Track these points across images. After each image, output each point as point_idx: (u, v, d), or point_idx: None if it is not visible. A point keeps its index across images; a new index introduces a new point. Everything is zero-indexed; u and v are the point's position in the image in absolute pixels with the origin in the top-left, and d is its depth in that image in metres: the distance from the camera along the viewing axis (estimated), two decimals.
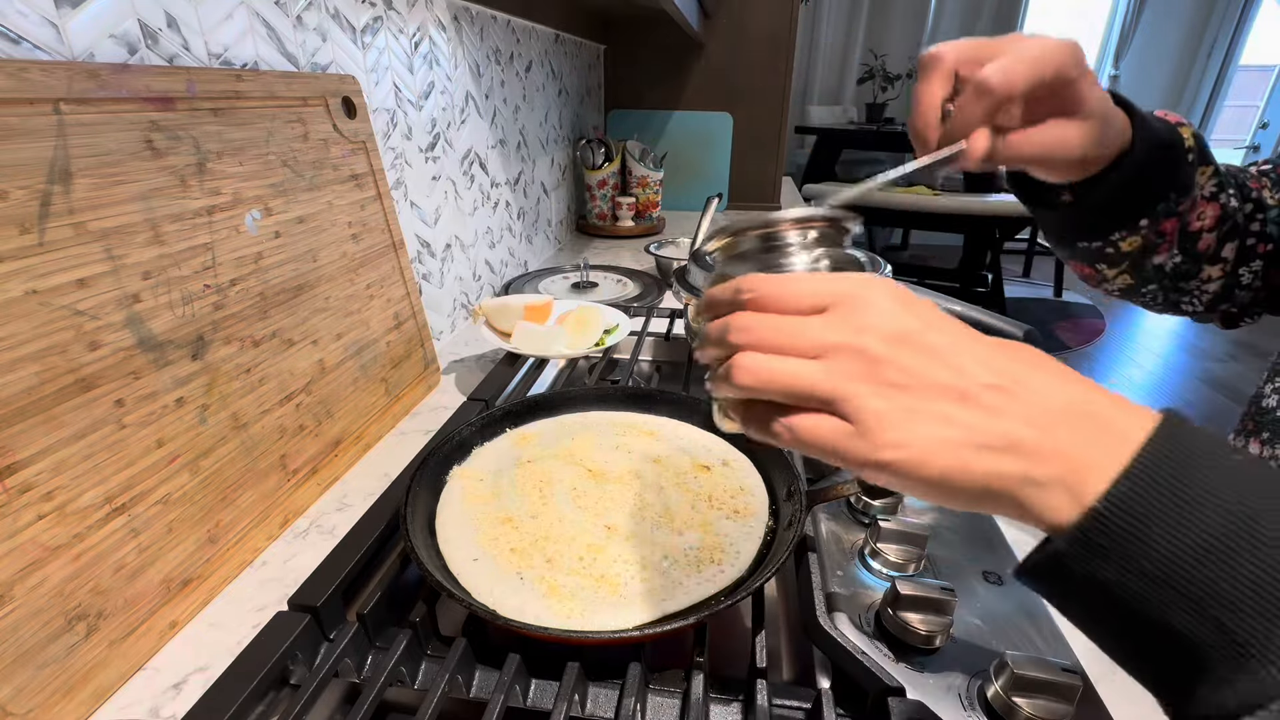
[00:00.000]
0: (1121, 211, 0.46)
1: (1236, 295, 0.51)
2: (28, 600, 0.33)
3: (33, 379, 0.34)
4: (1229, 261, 0.49)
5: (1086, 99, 0.37)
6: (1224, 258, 0.49)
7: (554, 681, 0.35)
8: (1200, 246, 0.48)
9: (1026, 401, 0.23)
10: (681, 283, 0.70)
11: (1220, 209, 0.47)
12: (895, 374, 0.24)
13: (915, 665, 0.39)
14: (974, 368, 0.24)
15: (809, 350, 0.25)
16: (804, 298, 0.26)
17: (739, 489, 0.47)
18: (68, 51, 0.40)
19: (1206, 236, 0.48)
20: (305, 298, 0.55)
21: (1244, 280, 0.50)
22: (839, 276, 0.27)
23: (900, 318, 0.25)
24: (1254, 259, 0.49)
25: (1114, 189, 0.43)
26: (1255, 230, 0.48)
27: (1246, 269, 0.49)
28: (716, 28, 1.70)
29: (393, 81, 0.74)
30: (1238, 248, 0.49)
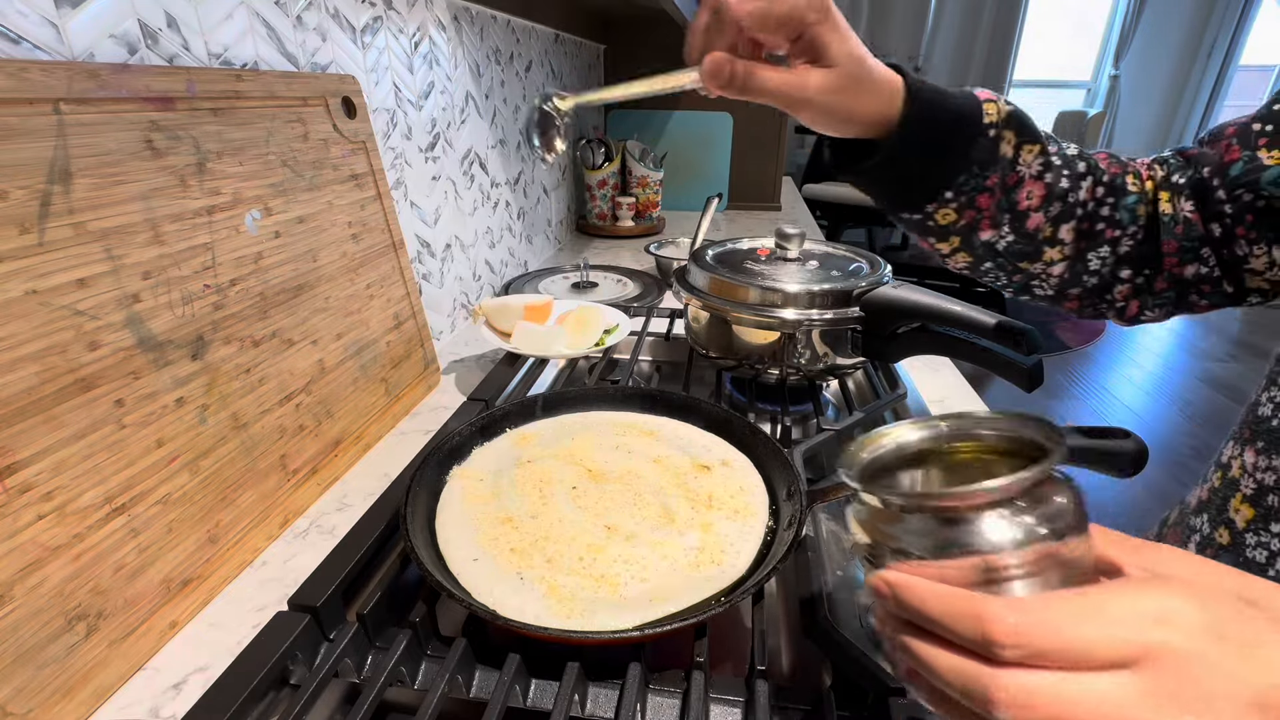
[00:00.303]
0: (914, 181, 0.47)
1: (1086, 281, 0.51)
2: (28, 600, 0.33)
3: (33, 379, 0.34)
4: (1067, 244, 0.49)
5: (829, 48, 0.39)
6: (1061, 239, 0.49)
7: (554, 681, 0.35)
8: (1029, 225, 0.49)
9: None
10: (681, 283, 0.70)
11: (1046, 188, 0.47)
12: None
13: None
14: None
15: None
16: (1097, 649, 0.19)
17: (739, 489, 0.47)
18: (68, 51, 0.40)
19: (1034, 216, 0.48)
20: (305, 298, 0.55)
21: (1091, 265, 0.50)
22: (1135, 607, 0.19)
23: (1252, 680, 0.18)
24: (1102, 244, 0.49)
25: (887, 154, 0.45)
26: (1105, 215, 0.49)
27: (1095, 255, 0.50)
28: None
29: (393, 81, 0.74)
30: (1077, 230, 0.49)
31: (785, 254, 0.69)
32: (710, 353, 0.69)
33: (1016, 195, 0.47)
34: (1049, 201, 0.48)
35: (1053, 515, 0.22)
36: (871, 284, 0.62)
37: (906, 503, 0.24)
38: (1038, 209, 0.48)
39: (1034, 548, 0.22)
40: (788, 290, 0.61)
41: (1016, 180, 0.47)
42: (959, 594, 0.21)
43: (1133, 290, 0.51)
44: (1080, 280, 0.51)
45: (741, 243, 0.76)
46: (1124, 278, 0.51)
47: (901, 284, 0.61)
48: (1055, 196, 0.48)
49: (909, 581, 0.22)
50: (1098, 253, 0.50)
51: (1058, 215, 0.48)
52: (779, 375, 0.65)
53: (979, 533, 0.22)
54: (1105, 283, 0.51)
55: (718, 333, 0.67)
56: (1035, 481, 0.22)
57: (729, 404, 0.69)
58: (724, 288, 0.64)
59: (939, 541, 0.23)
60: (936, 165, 0.46)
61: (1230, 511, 0.40)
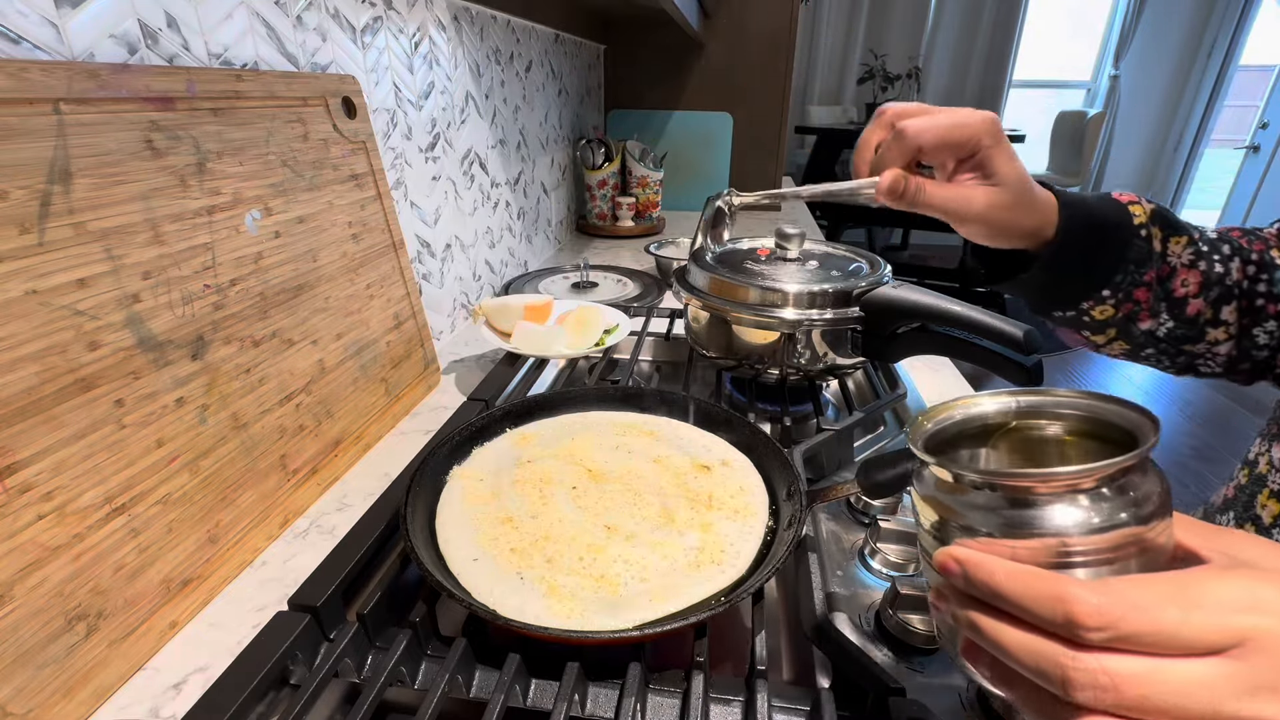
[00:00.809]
0: (1072, 284, 0.49)
1: (1256, 355, 0.51)
2: (28, 600, 0.33)
3: (33, 379, 0.34)
4: (1231, 324, 0.50)
5: (998, 167, 0.43)
6: (1224, 320, 0.50)
7: (554, 681, 0.35)
8: (1189, 311, 0.50)
9: None
10: (681, 283, 0.70)
11: (1202, 275, 0.49)
12: None
13: (915, 665, 0.39)
14: None
15: None
16: (1188, 633, 0.19)
17: (739, 489, 0.47)
18: (68, 51, 0.40)
19: (1194, 302, 0.49)
20: (305, 298, 0.55)
21: (1260, 340, 0.50)
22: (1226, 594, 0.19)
23: None
24: (1267, 319, 0.49)
25: (1046, 263, 0.48)
26: (1262, 291, 0.49)
27: (1261, 330, 0.50)
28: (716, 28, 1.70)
29: (393, 81, 0.74)
30: (1239, 309, 0.50)
31: (785, 254, 0.69)
32: (710, 353, 0.69)
33: (1171, 284, 0.49)
34: (1207, 288, 0.49)
35: (1140, 500, 0.22)
36: (871, 284, 0.62)
37: (983, 479, 0.23)
38: (1196, 295, 0.49)
39: (1118, 533, 0.21)
40: (788, 290, 0.61)
41: (1169, 271, 0.49)
42: (1038, 574, 0.21)
43: None
44: (1249, 355, 0.51)
45: (742, 243, 0.76)
46: None
47: (901, 284, 0.61)
48: (1212, 282, 0.49)
49: (981, 559, 0.22)
50: (1264, 327, 0.50)
51: (1216, 298, 0.49)
52: (779, 375, 0.65)
53: (1059, 514, 0.21)
54: (1275, 353, 0.51)
55: (718, 333, 0.67)
56: (1127, 466, 0.22)
57: (729, 404, 0.69)
58: (724, 288, 0.64)
59: (1013, 520, 0.22)
60: (1094, 270, 0.48)
61: (1257, 507, 0.40)
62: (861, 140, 0.47)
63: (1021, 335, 0.51)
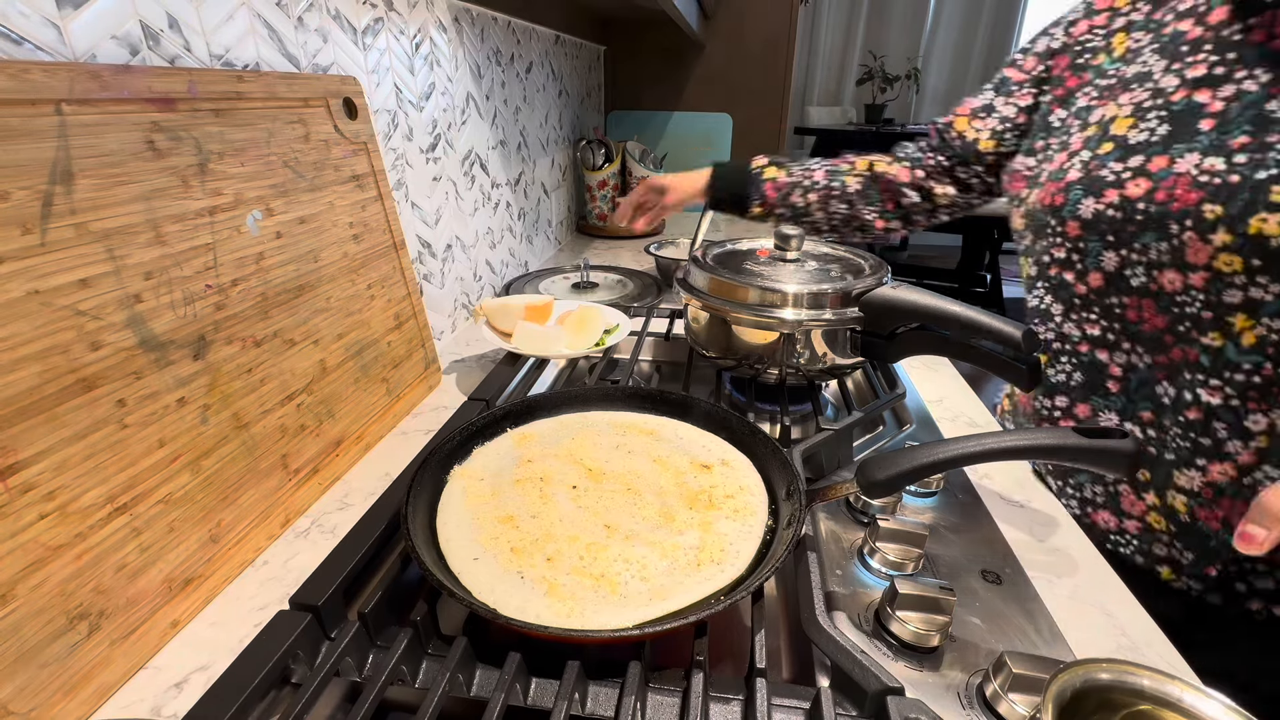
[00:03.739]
0: (730, 208, 0.92)
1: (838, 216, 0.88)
2: (30, 599, 0.33)
3: (35, 379, 0.34)
4: (815, 205, 0.88)
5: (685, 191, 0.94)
6: (811, 202, 0.88)
7: (554, 680, 0.35)
8: (800, 205, 0.88)
9: None
10: (681, 283, 0.70)
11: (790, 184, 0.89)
12: None
13: (914, 664, 0.40)
14: None
15: None
16: None
17: (738, 488, 0.47)
18: (69, 52, 0.40)
19: (795, 197, 0.88)
20: (307, 298, 0.55)
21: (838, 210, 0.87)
22: None
23: None
24: (837, 200, 0.86)
25: (718, 201, 0.92)
26: (834, 186, 0.86)
27: (835, 206, 0.87)
28: (716, 28, 1.70)
29: (394, 82, 0.74)
30: (822, 200, 0.87)
31: (785, 254, 0.69)
32: (710, 353, 0.69)
33: (789, 196, 0.87)
34: (795, 188, 0.87)
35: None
36: (871, 284, 0.62)
37: None
38: (793, 190, 0.87)
39: None
40: (787, 290, 0.61)
41: (777, 188, 0.88)
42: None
43: (873, 216, 0.86)
44: (834, 218, 0.87)
45: (741, 243, 0.76)
46: (860, 214, 0.87)
47: (900, 284, 0.61)
48: (798, 185, 0.87)
49: None
50: (836, 204, 0.86)
51: (804, 191, 0.87)
52: (778, 375, 0.65)
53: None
54: (852, 216, 0.87)
55: (717, 333, 0.67)
56: None
57: (729, 404, 0.69)
58: (724, 288, 0.64)
59: None
60: (737, 199, 0.90)
61: None
62: (627, 200, 0.97)
63: (1020, 336, 0.51)
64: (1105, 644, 0.42)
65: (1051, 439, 0.41)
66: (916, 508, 0.54)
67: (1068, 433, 0.41)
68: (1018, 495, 0.58)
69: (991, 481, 0.59)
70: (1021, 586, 0.46)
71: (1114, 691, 0.30)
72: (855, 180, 0.85)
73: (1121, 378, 0.52)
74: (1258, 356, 0.43)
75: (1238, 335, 0.44)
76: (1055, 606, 0.44)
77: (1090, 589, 0.47)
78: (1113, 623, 0.44)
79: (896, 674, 0.36)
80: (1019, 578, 0.47)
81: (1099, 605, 0.46)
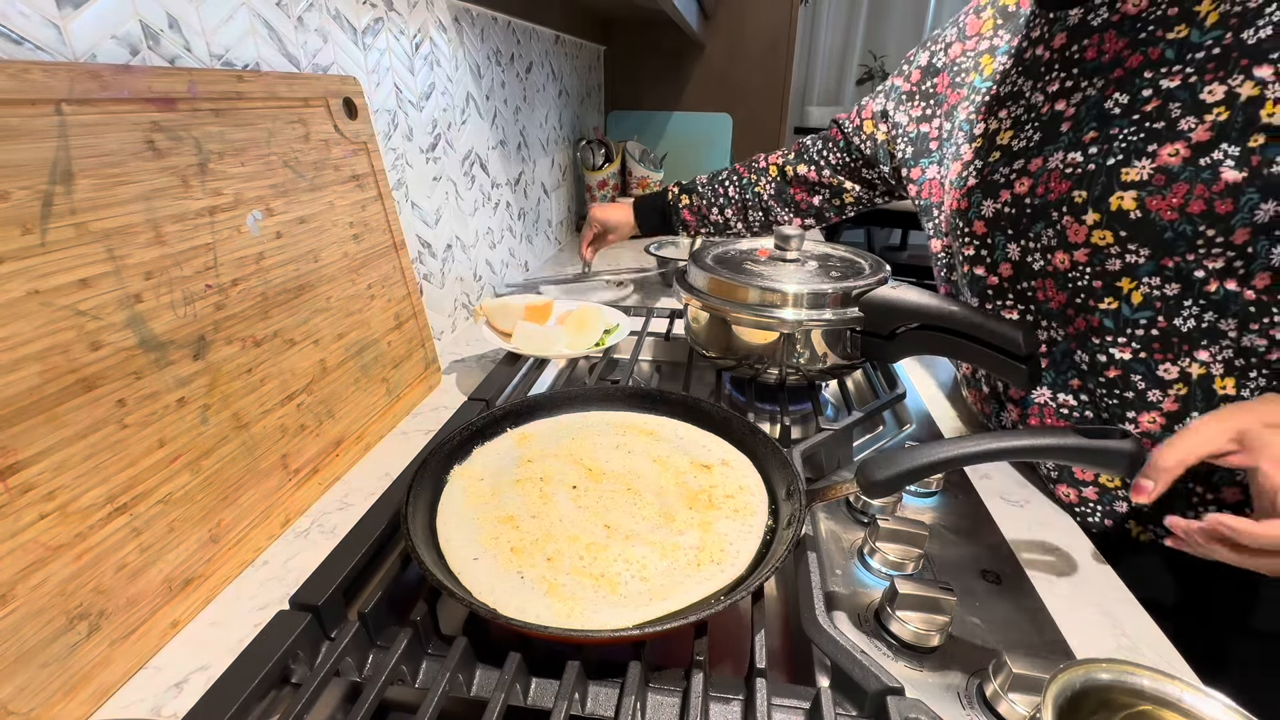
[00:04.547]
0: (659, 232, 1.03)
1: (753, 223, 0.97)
2: (30, 600, 0.33)
3: (35, 379, 0.34)
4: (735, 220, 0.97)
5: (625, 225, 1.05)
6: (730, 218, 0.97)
7: (554, 680, 0.35)
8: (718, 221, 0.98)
9: None
10: (681, 283, 0.70)
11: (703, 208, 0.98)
12: None
13: (914, 664, 0.40)
14: None
15: None
16: None
17: (738, 488, 0.47)
18: (70, 52, 0.40)
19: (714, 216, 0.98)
20: (307, 298, 0.55)
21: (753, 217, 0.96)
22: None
23: None
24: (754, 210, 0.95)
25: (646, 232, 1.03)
26: (747, 198, 0.95)
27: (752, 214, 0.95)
28: (716, 28, 1.70)
29: (394, 82, 0.74)
30: (739, 211, 0.96)
31: (785, 254, 0.69)
32: (710, 353, 0.69)
33: (706, 215, 0.98)
34: (712, 208, 0.97)
35: None
36: (870, 284, 0.62)
37: None
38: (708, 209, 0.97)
39: None
40: (787, 291, 0.61)
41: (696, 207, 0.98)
42: None
43: (789, 217, 0.94)
44: (753, 226, 0.97)
45: (741, 243, 0.76)
46: (776, 219, 0.94)
47: (900, 284, 0.61)
48: (712, 204, 0.97)
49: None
50: (753, 214, 0.95)
51: (719, 209, 0.96)
52: (778, 375, 0.65)
53: None
54: (767, 223, 0.95)
55: (717, 333, 0.67)
56: None
57: (729, 404, 0.69)
58: (724, 288, 0.64)
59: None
60: (665, 226, 1.01)
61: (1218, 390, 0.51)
62: (583, 234, 1.09)
63: (1019, 336, 0.51)
64: (1105, 644, 0.42)
65: (1051, 439, 0.41)
66: (916, 508, 0.54)
67: (1067, 433, 0.41)
68: (1018, 495, 0.58)
69: (991, 481, 0.59)
70: (1021, 586, 0.46)
71: (1114, 691, 0.30)
72: (768, 186, 0.93)
73: (1046, 354, 0.58)
74: (1149, 312, 0.50)
75: (1127, 296, 0.50)
76: (1055, 606, 0.44)
77: (1090, 589, 0.47)
78: (1113, 623, 0.44)
79: (896, 674, 0.36)
80: (1019, 578, 0.47)
81: (1099, 605, 0.46)
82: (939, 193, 0.69)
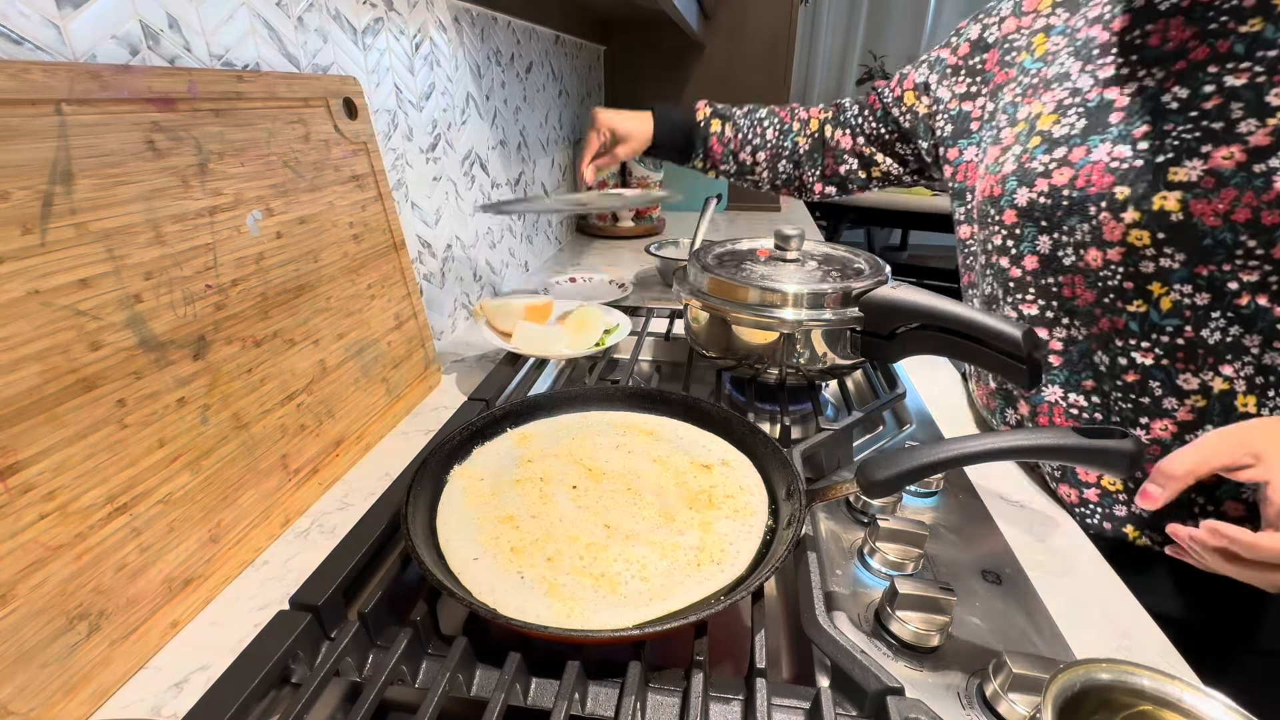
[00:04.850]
0: (675, 157, 0.91)
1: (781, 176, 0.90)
2: (30, 600, 0.33)
3: (35, 379, 0.34)
4: (763, 165, 0.90)
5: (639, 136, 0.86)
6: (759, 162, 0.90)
7: (554, 680, 0.35)
8: (744, 160, 0.90)
9: None
10: (681, 283, 0.70)
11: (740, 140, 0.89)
12: None
13: (914, 664, 0.40)
14: None
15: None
16: None
17: (738, 488, 0.47)
18: (69, 52, 0.40)
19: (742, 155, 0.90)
20: (306, 298, 0.55)
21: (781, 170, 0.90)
22: None
23: None
24: (781, 160, 0.89)
25: (655, 151, 0.88)
26: (784, 145, 0.88)
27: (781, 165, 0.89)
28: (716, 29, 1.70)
29: (394, 82, 0.74)
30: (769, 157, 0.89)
31: (784, 254, 0.69)
32: (710, 353, 0.69)
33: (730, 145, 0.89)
34: (745, 146, 0.88)
35: None
36: (870, 284, 0.62)
37: None
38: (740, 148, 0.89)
39: None
40: (787, 290, 0.61)
41: (727, 140, 0.88)
42: None
43: (814, 179, 0.89)
44: (779, 178, 0.90)
45: (741, 243, 0.76)
46: (804, 177, 0.89)
47: (900, 284, 0.61)
48: (747, 142, 0.88)
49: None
50: (783, 164, 0.89)
51: (753, 150, 0.89)
52: (778, 375, 0.65)
53: None
54: (793, 178, 0.90)
55: (717, 333, 0.67)
56: None
57: (728, 404, 0.69)
58: (724, 288, 0.64)
59: None
60: (683, 150, 0.90)
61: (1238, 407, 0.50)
62: (586, 145, 0.86)
63: (1020, 336, 0.51)
64: (1105, 644, 0.42)
65: (1051, 439, 0.41)
66: (916, 508, 0.54)
67: (1067, 432, 0.41)
68: (1018, 495, 0.58)
69: (991, 481, 0.59)
70: (1021, 586, 0.46)
71: (1114, 691, 0.30)
72: (806, 141, 0.86)
73: (1063, 351, 0.56)
74: (1176, 320, 0.48)
75: (1156, 301, 0.49)
76: (1055, 606, 0.44)
77: (1090, 589, 0.47)
78: (1113, 623, 0.44)
79: (896, 674, 0.36)
80: (1019, 578, 0.47)
81: (1099, 605, 0.46)
82: (974, 176, 0.65)
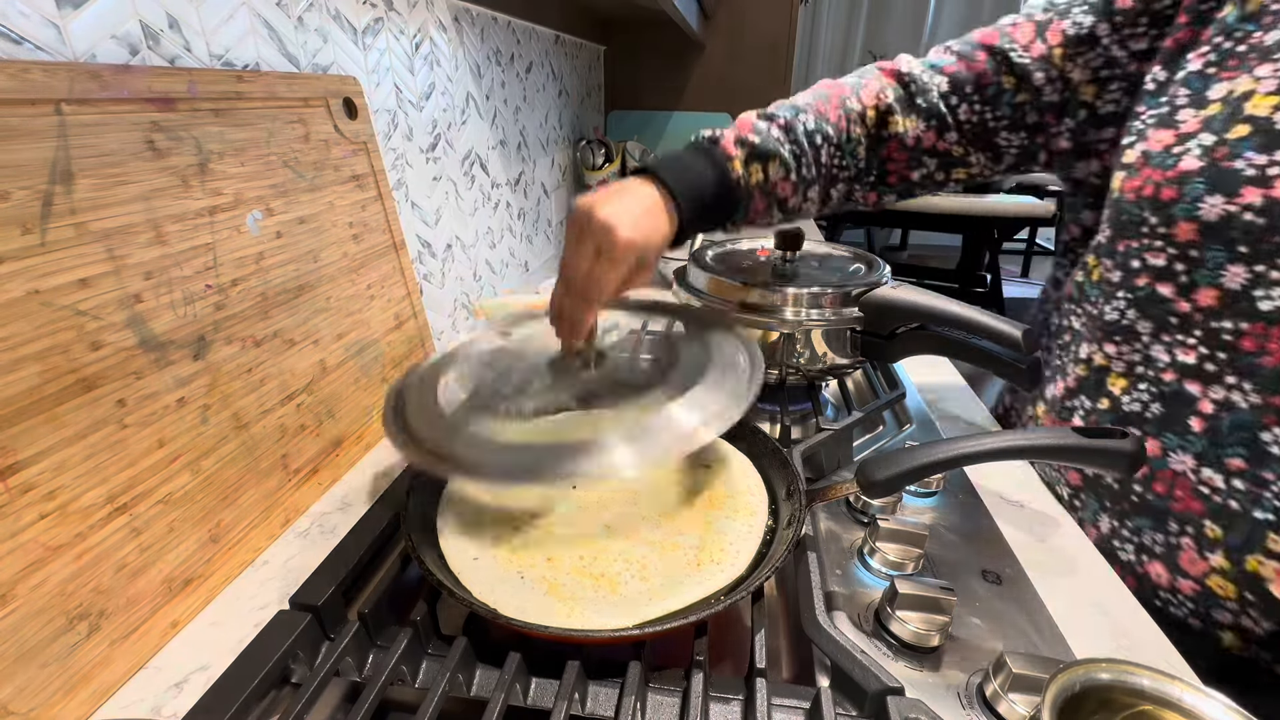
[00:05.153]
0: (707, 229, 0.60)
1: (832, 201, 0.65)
2: (29, 600, 0.33)
3: (35, 379, 0.34)
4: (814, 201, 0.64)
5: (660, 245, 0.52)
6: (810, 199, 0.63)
7: (554, 680, 0.35)
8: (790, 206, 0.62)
9: None
10: (681, 283, 0.70)
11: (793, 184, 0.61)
12: None
13: (914, 664, 0.40)
14: None
15: None
16: None
17: (739, 488, 0.47)
18: (69, 52, 0.40)
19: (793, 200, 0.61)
20: (306, 298, 0.55)
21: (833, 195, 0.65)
22: None
23: None
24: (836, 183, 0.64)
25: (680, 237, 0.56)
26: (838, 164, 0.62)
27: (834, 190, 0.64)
28: (716, 28, 1.70)
29: (394, 82, 0.74)
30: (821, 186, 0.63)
31: (784, 254, 0.69)
32: None
33: (778, 193, 0.60)
34: (799, 188, 0.61)
35: None
36: (870, 284, 0.62)
37: None
38: (793, 193, 0.61)
39: None
40: (787, 290, 0.61)
41: (772, 187, 0.59)
42: None
43: (865, 189, 0.65)
44: (827, 206, 0.66)
45: (741, 243, 0.76)
46: (854, 194, 0.65)
47: (900, 284, 0.61)
48: (802, 181, 0.60)
49: None
50: (836, 189, 0.64)
51: (806, 188, 0.61)
52: (778, 375, 0.65)
53: None
54: (842, 200, 0.65)
55: None
56: None
57: None
58: (724, 288, 0.64)
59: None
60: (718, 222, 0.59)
61: (1109, 385, 0.51)
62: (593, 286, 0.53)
63: (1020, 335, 0.51)
64: (1105, 644, 0.42)
65: (1051, 439, 0.41)
66: (916, 508, 0.54)
67: (1067, 432, 0.41)
68: (1018, 495, 0.58)
69: (991, 481, 0.59)
70: (1021, 586, 0.46)
71: (1114, 691, 0.30)
72: (864, 151, 0.62)
73: (1212, 416, 0.43)
74: None
75: None
76: (1055, 606, 0.44)
77: (1090, 589, 0.47)
78: (1113, 623, 0.44)
79: (896, 674, 0.36)
80: (1019, 578, 0.47)
81: (1099, 605, 0.46)
82: (1111, 162, 0.52)
